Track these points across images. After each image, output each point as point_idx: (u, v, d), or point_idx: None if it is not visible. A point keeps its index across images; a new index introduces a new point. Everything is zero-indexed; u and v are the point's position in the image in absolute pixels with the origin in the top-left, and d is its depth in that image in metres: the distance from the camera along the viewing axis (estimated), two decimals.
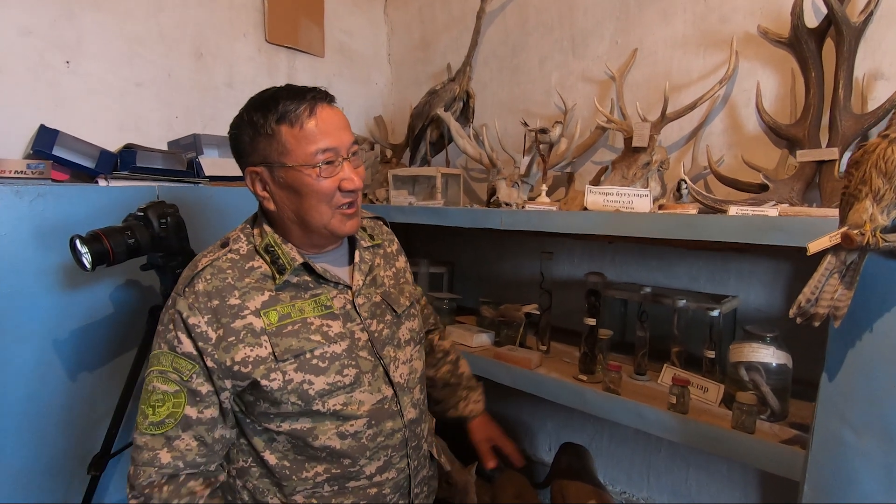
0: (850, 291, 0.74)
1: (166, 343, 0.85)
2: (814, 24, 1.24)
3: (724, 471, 1.55)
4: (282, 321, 0.87)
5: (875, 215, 0.68)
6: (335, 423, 0.89)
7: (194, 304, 0.84)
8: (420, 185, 1.94)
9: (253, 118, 0.86)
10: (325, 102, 0.87)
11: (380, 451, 0.93)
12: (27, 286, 1.27)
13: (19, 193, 1.25)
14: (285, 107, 0.84)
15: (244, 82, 1.98)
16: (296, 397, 0.85)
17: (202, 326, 0.83)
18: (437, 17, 2.20)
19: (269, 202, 0.89)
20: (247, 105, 0.89)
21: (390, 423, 0.94)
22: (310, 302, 0.90)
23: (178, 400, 0.83)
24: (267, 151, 0.86)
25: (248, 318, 0.85)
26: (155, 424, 0.83)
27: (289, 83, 0.90)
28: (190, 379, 0.83)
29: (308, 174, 0.84)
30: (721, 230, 1.04)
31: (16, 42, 1.47)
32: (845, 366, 0.83)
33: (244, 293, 0.86)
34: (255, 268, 0.89)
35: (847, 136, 1.20)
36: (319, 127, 0.85)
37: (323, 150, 0.85)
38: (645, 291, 1.49)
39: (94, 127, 1.60)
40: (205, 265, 0.87)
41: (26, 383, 1.28)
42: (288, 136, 0.84)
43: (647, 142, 1.40)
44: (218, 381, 0.85)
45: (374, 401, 0.92)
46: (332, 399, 0.88)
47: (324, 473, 0.90)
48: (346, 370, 0.89)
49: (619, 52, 1.64)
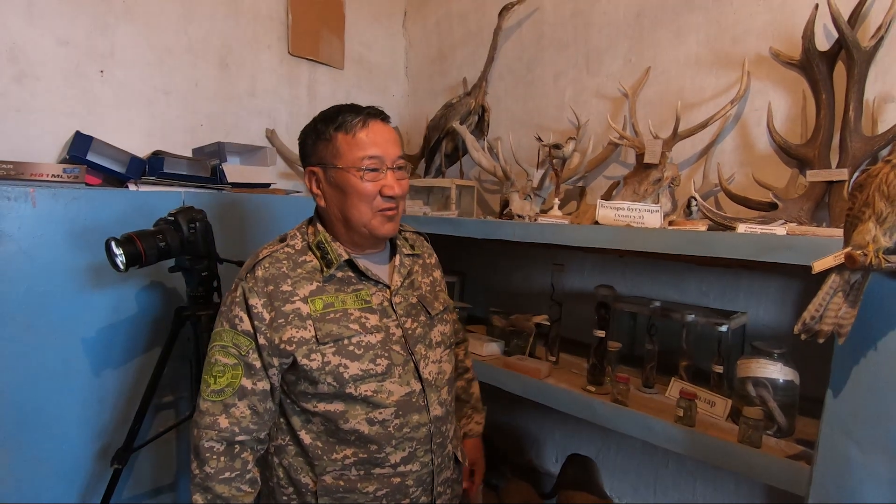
0: (854, 310, 0.76)
1: (228, 321, 0.96)
2: (825, 47, 1.27)
3: (732, 486, 1.55)
4: (326, 309, 0.96)
5: (878, 237, 0.70)
6: (365, 408, 0.96)
7: (254, 287, 0.95)
8: (434, 196, 1.98)
9: (317, 126, 1.00)
10: (378, 119, 1.00)
11: (405, 441, 0.99)
12: (59, 285, 1.32)
13: (56, 196, 1.31)
14: (344, 118, 0.98)
15: (266, 92, 2.04)
16: (332, 378, 0.94)
17: (258, 308, 0.94)
18: (455, 32, 2.25)
19: (321, 199, 1.02)
20: (316, 117, 1.03)
21: (416, 416, 1.00)
22: (351, 295, 1.00)
23: (236, 372, 0.94)
24: (323, 153, 0.99)
25: (297, 303, 0.95)
26: (216, 392, 0.94)
27: (352, 102, 1.03)
28: (247, 354, 0.94)
29: (354, 175, 0.96)
30: (729, 247, 1.06)
31: (54, 52, 1.55)
32: (850, 383, 0.85)
33: (295, 282, 0.97)
34: (307, 261, 1.00)
35: (857, 158, 1.22)
36: (370, 137, 0.97)
37: (370, 157, 0.96)
38: (654, 305, 1.51)
39: (124, 133, 1.68)
40: (264, 255, 0.99)
41: (55, 379, 1.33)
42: (342, 142, 0.97)
43: (658, 158, 1.42)
44: (267, 358, 0.95)
45: (403, 393, 0.99)
46: (364, 385, 0.95)
47: (352, 457, 0.97)
48: (379, 360, 0.97)
49: (633, 70, 1.68)
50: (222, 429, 0.93)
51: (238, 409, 0.94)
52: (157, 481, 1.54)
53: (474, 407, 1.34)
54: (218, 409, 0.94)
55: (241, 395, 0.94)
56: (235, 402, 0.94)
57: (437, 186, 1.92)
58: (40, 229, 1.28)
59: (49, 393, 1.32)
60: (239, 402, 0.94)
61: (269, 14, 2.03)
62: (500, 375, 1.55)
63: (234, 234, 1.61)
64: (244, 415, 0.95)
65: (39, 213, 1.28)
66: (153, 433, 1.44)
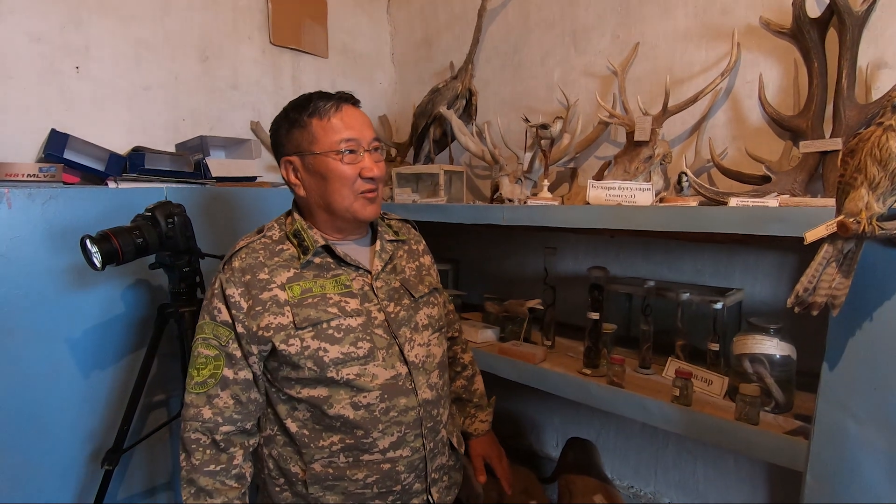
0: (848, 280, 0.74)
1: (208, 314, 0.97)
2: (816, 14, 1.24)
3: (732, 466, 1.54)
4: (303, 294, 0.96)
5: (871, 203, 0.68)
6: (349, 392, 0.95)
7: (231, 278, 0.96)
8: (424, 183, 1.95)
9: (289, 115, 1.00)
10: (350, 103, 1.00)
11: (392, 426, 0.97)
12: (40, 286, 1.30)
13: (32, 196, 1.28)
14: (316, 104, 0.97)
15: (249, 84, 2.00)
16: (312, 363, 0.93)
17: (236, 297, 0.95)
18: (439, 16, 2.21)
19: (300, 188, 1.01)
20: (286, 106, 1.02)
21: (404, 399, 0.99)
22: (331, 281, 0.99)
23: (218, 363, 0.95)
24: (299, 141, 0.98)
25: (275, 290, 0.95)
26: (199, 384, 0.95)
27: (319, 90, 1.03)
28: (227, 344, 0.95)
29: (333, 159, 0.96)
30: (721, 221, 1.04)
31: (26, 49, 1.51)
32: (846, 355, 0.83)
33: (273, 270, 0.97)
34: (285, 250, 1.00)
35: (851, 127, 1.19)
36: (344, 121, 0.97)
37: (346, 140, 0.96)
38: (649, 285, 1.49)
39: (103, 130, 1.64)
40: (241, 246, 1.00)
41: (39, 381, 1.31)
42: (317, 128, 0.97)
43: (648, 136, 1.39)
44: (246, 346, 0.95)
45: (388, 376, 0.98)
46: (345, 368, 0.95)
47: (339, 443, 0.96)
48: (361, 343, 0.96)
49: (621, 46, 1.64)
50: (206, 419, 0.94)
51: (221, 400, 0.95)
52: (152, 481, 1.53)
53: (478, 405, 1.31)
54: (202, 401, 0.95)
55: (223, 385, 0.95)
56: (218, 392, 0.95)
57: (426, 173, 1.88)
58: (17, 231, 1.25)
59: (37, 396, 1.31)
60: (222, 392, 0.95)
61: (249, 4, 1.98)
62: (496, 362, 1.53)
63: (221, 229, 1.58)
64: (227, 405, 0.95)
65: (15, 215, 1.25)
66: (146, 433, 1.42)
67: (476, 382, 1.33)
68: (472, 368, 1.33)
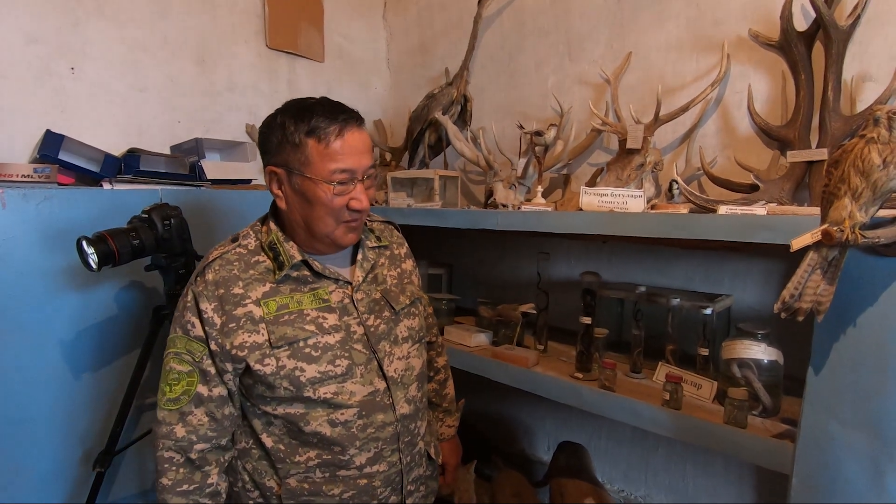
0: (832, 287, 0.76)
1: (181, 327, 0.92)
2: (803, 27, 1.27)
3: (721, 468, 1.56)
4: (279, 311, 0.92)
5: (854, 212, 0.70)
6: (326, 410, 0.93)
7: (203, 291, 0.91)
8: (418, 188, 1.97)
9: (285, 123, 0.90)
10: (354, 126, 0.92)
11: (370, 442, 0.96)
12: (34, 287, 1.29)
13: (26, 197, 1.27)
14: (317, 122, 0.89)
15: (245, 87, 2.01)
16: (287, 383, 0.90)
17: (209, 312, 0.90)
18: (436, 22, 2.23)
19: (282, 201, 0.95)
20: (283, 108, 0.93)
21: (381, 415, 0.97)
22: (308, 295, 0.95)
23: (191, 379, 0.91)
24: (290, 158, 0.91)
25: (249, 306, 0.91)
26: (172, 401, 0.91)
27: (325, 97, 0.94)
28: (201, 360, 0.91)
29: (323, 189, 0.90)
30: (710, 229, 1.06)
31: (22, 49, 1.51)
32: (831, 360, 0.85)
33: (247, 284, 0.92)
34: (260, 262, 0.95)
35: (836, 137, 1.22)
36: (343, 149, 0.89)
37: (341, 171, 0.90)
38: (640, 291, 1.51)
39: (98, 131, 1.64)
40: (215, 257, 0.94)
41: (33, 383, 1.30)
42: (313, 151, 0.89)
43: (640, 143, 1.42)
44: (220, 364, 0.91)
45: (366, 392, 0.96)
46: (322, 387, 0.92)
47: (315, 459, 0.94)
48: (339, 360, 0.93)
49: (614, 55, 1.67)
50: (178, 438, 0.90)
51: (195, 417, 0.91)
52: (144, 484, 1.52)
53: (446, 410, 1.31)
54: (174, 418, 0.91)
55: (197, 402, 0.91)
56: (192, 409, 0.91)
57: (421, 178, 1.90)
58: (11, 231, 1.25)
59: (29, 398, 1.30)
60: (196, 409, 0.91)
61: (246, 7, 1.99)
62: (489, 366, 1.54)
63: (215, 232, 1.58)
64: (202, 422, 0.92)
65: (9, 215, 1.25)
66: (138, 435, 1.42)
67: (448, 387, 1.32)
68: (445, 373, 1.32)
